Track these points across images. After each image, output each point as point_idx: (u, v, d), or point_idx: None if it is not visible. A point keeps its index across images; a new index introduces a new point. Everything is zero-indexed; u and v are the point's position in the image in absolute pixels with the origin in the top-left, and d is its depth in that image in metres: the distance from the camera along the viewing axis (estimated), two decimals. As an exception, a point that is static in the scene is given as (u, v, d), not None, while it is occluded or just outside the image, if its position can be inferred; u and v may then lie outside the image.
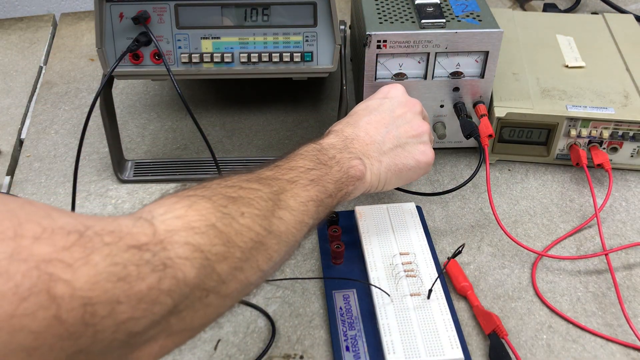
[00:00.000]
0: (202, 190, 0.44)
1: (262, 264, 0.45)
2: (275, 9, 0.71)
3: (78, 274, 0.32)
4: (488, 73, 0.75)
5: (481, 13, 0.75)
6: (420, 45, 0.73)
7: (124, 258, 0.34)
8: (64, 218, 0.34)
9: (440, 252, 0.69)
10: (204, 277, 0.39)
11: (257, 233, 0.44)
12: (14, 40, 1.10)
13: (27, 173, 0.81)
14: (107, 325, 0.33)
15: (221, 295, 0.41)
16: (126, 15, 0.70)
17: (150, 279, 0.35)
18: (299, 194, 0.50)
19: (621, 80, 0.81)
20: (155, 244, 0.36)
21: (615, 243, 0.71)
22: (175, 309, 0.37)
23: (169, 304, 0.36)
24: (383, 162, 0.60)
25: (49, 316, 0.31)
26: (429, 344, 0.57)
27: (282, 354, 0.60)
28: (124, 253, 0.34)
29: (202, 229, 0.40)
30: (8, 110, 0.93)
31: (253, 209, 0.44)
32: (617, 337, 0.61)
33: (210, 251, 0.39)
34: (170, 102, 0.94)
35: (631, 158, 0.79)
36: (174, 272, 0.37)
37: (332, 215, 0.70)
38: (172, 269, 0.36)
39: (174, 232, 0.38)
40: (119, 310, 0.33)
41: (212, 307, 0.41)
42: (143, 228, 0.37)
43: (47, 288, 0.31)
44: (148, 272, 0.35)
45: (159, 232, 0.37)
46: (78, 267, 0.32)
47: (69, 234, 0.33)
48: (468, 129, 0.74)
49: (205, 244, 0.39)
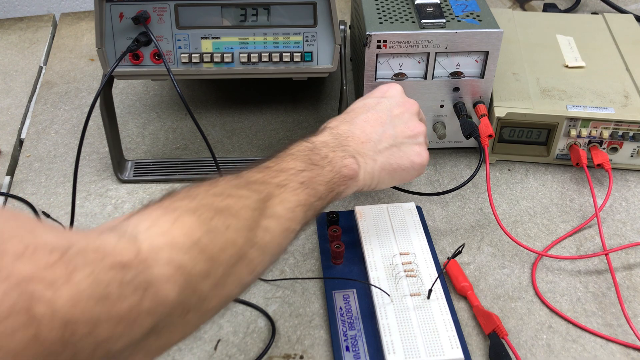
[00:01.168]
0: (189, 202, 0.43)
1: (245, 277, 0.44)
2: (275, 9, 0.71)
3: (59, 293, 0.31)
4: (488, 73, 0.75)
5: (481, 13, 0.75)
6: (420, 45, 0.73)
7: (106, 277, 0.34)
8: (48, 234, 0.34)
9: (440, 252, 0.69)
10: (185, 297, 0.39)
11: (241, 247, 0.43)
12: (14, 40, 1.10)
13: (27, 173, 0.81)
14: (86, 344, 0.33)
15: (201, 312, 0.41)
16: (126, 15, 0.70)
17: (131, 299, 0.35)
18: (288, 199, 0.49)
19: (621, 80, 0.81)
20: (138, 264, 0.36)
21: (615, 243, 0.71)
22: (155, 328, 0.37)
23: (148, 324, 0.36)
24: (378, 161, 0.59)
25: (29, 336, 0.30)
26: (429, 344, 0.57)
27: (282, 354, 0.60)
28: (106, 272, 0.34)
29: (186, 247, 0.39)
30: (8, 110, 0.93)
31: (239, 221, 0.44)
32: (617, 337, 0.61)
33: (193, 269, 0.39)
34: (170, 102, 0.94)
35: (631, 158, 0.79)
36: (155, 292, 0.36)
37: (332, 215, 0.70)
38: (154, 289, 0.36)
39: (157, 250, 0.38)
40: (99, 330, 0.33)
41: (191, 324, 0.41)
42: (126, 245, 0.37)
43: (28, 307, 0.30)
44: (130, 292, 0.35)
45: (142, 250, 0.37)
46: (59, 286, 0.32)
47: (52, 252, 0.33)
48: (468, 129, 0.74)
49: (188, 263, 0.39)
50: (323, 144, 0.57)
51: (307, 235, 0.72)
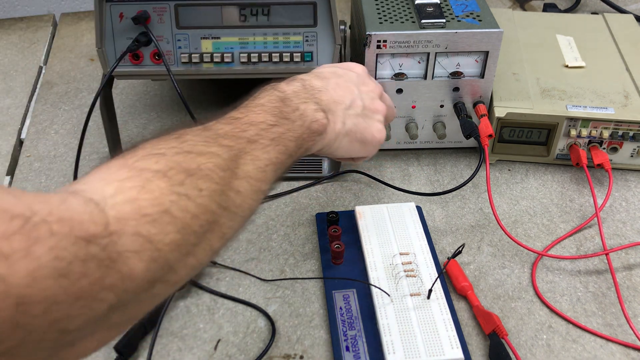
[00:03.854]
0: (156, 161, 0.39)
1: (215, 244, 0.42)
2: (275, 9, 0.71)
3: (15, 268, 0.28)
4: (488, 73, 0.75)
5: (481, 13, 0.75)
6: (420, 45, 0.73)
7: (69, 252, 0.31)
8: (8, 198, 0.30)
9: (440, 252, 0.69)
10: (153, 271, 0.36)
11: (213, 212, 0.40)
12: (14, 40, 1.10)
13: (27, 173, 0.81)
14: (38, 325, 0.30)
15: (169, 284, 0.38)
16: (126, 15, 0.70)
17: (93, 275, 0.32)
18: (259, 156, 0.46)
19: (621, 80, 0.81)
20: (104, 237, 0.33)
21: (615, 243, 0.71)
22: (118, 304, 0.34)
23: (110, 301, 0.33)
24: (345, 125, 0.56)
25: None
26: (429, 344, 0.57)
27: (282, 354, 0.60)
28: (70, 246, 0.31)
29: (155, 216, 0.36)
30: (8, 110, 0.93)
31: (211, 184, 0.41)
32: (617, 337, 0.61)
33: (162, 241, 0.36)
34: (170, 102, 0.94)
35: (631, 158, 0.79)
36: (120, 268, 0.33)
37: (332, 215, 0.70)
38: (119, 265, 0.33)
39: (125, 221, 0.34)
40: (54, 309, 0.30)
41: (158, 297, 0.38)
42: (93, 216, 0.33)
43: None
44: (93, 268, 0.32)
45: (109, 221, 0.34)
46: (16, 260, 0.28)
47: (12, 219, 0.29)
48: (468, 129, 0.74)
49: (157, 234, 0.36)
50: (294, 94, 0.53)
51: (307, 235, 0.72)
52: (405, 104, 0.78)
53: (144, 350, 0.60)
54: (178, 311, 0.64)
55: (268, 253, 0.70)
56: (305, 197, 0.77)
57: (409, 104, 0.78)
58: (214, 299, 0.65)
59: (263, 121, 0.48)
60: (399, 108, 0.78)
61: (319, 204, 0.76)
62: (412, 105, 0.78)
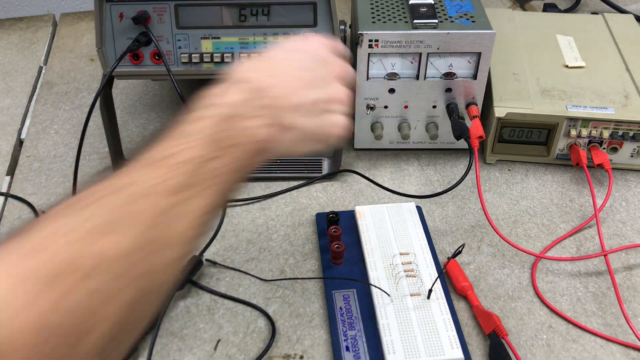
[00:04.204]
0: (51, 254, 0.32)
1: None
2: (275, 9, 0.71)
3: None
4: (480, 74, 0.75)
5: (475, 14, 0.75)
6: (413, 45, 0.72)
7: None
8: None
9: (440, 252, 0.69)
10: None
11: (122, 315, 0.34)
12: (14, 40, 1.10)
13: (27, 173, 0.81)
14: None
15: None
16: (126, 15, 0.70)
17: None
18: (192, 209, 0.39)
19: (621, 80, 0.81)
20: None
21: (615, 243, 0.71)
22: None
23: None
24: (296, 130, 0.49)
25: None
26: (429, 344, 0.57)
27: (282, 354, 0.60)
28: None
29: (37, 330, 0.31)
30: (8, 110, 0.93)
31: (116, 282, 0.34)
32: (617, 337, 0.61)
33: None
34: (170, 102, 0.94)
35: (631, 158, 0.79)
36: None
37: (332, 215, 0.70)
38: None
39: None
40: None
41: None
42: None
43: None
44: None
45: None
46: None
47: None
48: (458, 130, 0.73)
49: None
50: (240, 106, 0.45)
51: (307, 235, 0.72)
52: (397, 104, 0.78)
53: (144, 350, 0.60)
54: (178, 311, 0.64)
55: (268, 253, 0.70)
56: (305, 197, 0.77)
57: (401, 104, 0.78)
58: (214, 299, 0.65)
59: (200, 155, 0.41)
60: (391, 108, 0.78)
61: (319, 204, 0.76)
62: (405, 106, 0.78)
